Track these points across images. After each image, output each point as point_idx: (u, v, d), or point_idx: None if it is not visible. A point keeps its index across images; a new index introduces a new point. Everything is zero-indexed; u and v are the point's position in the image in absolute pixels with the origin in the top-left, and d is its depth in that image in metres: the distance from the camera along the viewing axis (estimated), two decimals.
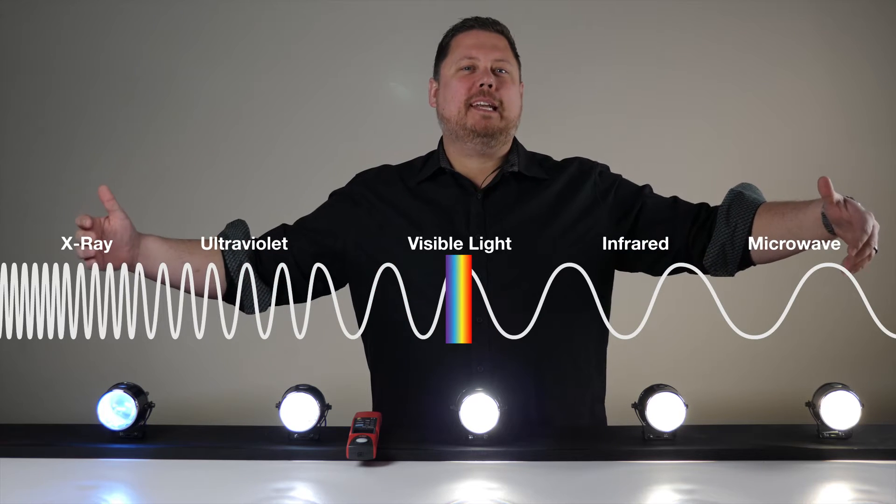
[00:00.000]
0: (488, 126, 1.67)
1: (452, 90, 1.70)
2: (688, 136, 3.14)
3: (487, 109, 1.67)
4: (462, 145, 1.71)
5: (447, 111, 1.71)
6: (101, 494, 1.32)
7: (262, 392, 1.80)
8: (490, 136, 1.68)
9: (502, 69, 1.70)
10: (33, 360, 2.96)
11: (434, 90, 1.77)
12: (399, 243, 1.65)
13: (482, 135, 1.68)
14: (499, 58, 1.70)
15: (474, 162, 1.73)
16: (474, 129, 1.68)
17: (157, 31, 3.15)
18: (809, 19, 3.15)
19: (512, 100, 1.70)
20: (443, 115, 1.73)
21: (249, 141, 3.15)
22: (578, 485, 1.33)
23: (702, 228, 1.65)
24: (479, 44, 1.71)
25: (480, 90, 1.67)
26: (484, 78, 1.67)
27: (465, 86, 1.69)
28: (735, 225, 1.60)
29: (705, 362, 2.99)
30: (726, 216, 1.61)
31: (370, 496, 1.30)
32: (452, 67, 1.71)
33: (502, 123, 1.68)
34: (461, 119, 1.68)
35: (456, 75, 1.70)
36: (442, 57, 1.76)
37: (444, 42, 1.77)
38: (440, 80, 1.75)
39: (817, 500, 1.29)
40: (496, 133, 1.68)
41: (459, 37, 1.74)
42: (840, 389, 1.45)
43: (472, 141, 1.69)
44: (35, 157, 3.16)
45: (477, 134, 1.68)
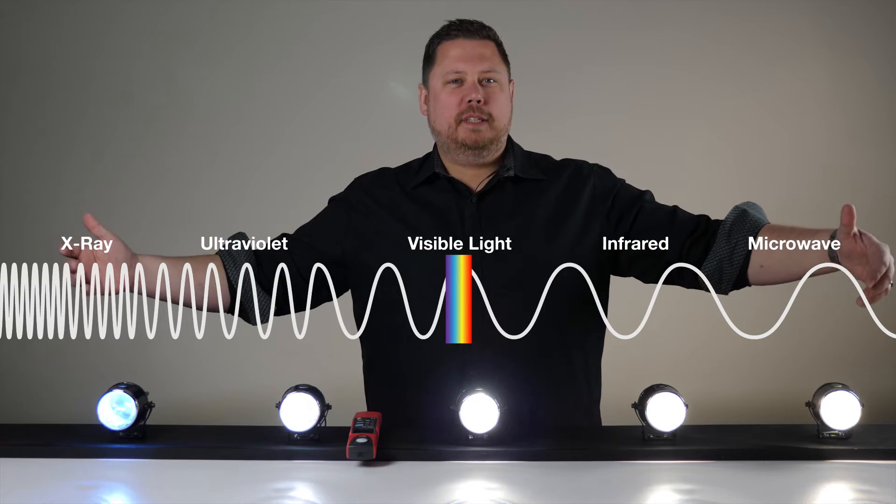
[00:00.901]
0: (479, 139, 1.67)
1: (442, 105, 1.69)
2: (688, 136, 3.14)
3: (477, 123, 1.67)
4: (454, 157, 1.72)
5: (438, 125, 1.71)
6: (101, 494, 1.32)
7: (262, 392, 1.80)
8: (481, 148, 1.68)
9: (490, 79, 1.68)
10: (33, 360, 2.96)
11: (424, 97, 1.76)
12: (398, 245, 1.66)
13: (473, 148, 1.68)
14: (485, 69, 1.68)
15: (468, 168, 1.73)
16: (465, 143, 1.68)
17: (157, 32, 3.15)
18: (809, 19, 3.15)
19: (501, 110, 1.69)
20: (434, 127, 1.73)
21: (249, 141, 3.16)
22: (578, 485, 1.33)
23: (699, 240, 1.63)
24: (465, 55, 1.68)
25: (469, 106, 1.66)
26: (472, 94, 1.66)
27: (454, 101, 1.67)
28: (735, 243, 1.58)
29: (705, 362, 2.99)
30: (728, 233, 1.59)
31: (370, 496, 1.30)
32: (439, 80, 1.70)
33: (492, 134, 1.68)
34: (452, 133, 1.68)
35: (444, 89, 1.69)
36: (429, 65, 1.74)
37: (429, 50, 1.74)
38: (429, 89, 1.74)
39: (817, 500, 1.29)
40: (487, 144, 1.68)
41: (445, 45, 1.71)
42: (840, 389, 1.45)
43: (463, 153, 1.69)
44: (35, 158, 3.16)
45: (468, 147, 1.68)
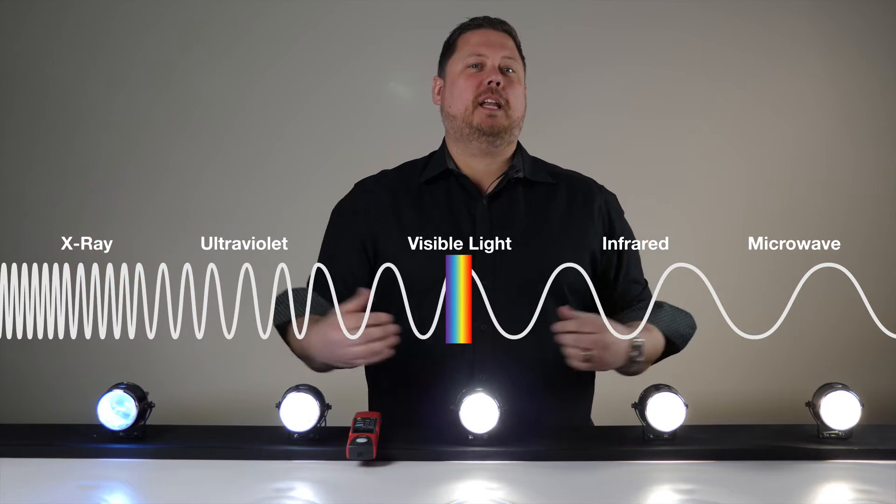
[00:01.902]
0: (494, 124, 1.68)
1: (460, 88, 1.70)
2: (688, 136, 3.14)
3: (493, 107, 1.67)
4: (467, 144, 1.71)
5: (454, 108, 1.71)
6: (101, 494, 1.32)
7: (262, 392, 1.79)
8: (495, 135, 1.69)
9: (510, 68, 1.70)
10: (33, 360, 2.96)
11: (438, 88, 1.77)
12: (400, 244, 1.65)
13: (488, 133, 1.68)
14: (507, 55, 1.71)
15: (479, 163, 1.73)
16: (480, 127, 1.68)
17: (156, 31, 3.15)
18: (809, 19, 3.15)
19: (517, 99, 1.71)
20: (448, 112, 1.73)
21: (249, 141, 3.15)
22: (578, 485, 1.33)
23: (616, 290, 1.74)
24: (487, 42, 1.71)
25: (488, 87, 1.67)
26: (492, 76, 1.68)
27: (473, 84, 1.69)
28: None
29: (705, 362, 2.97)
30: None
31: (370, 496, 1.30)
32: (460, 65, 1.71)
33: (507, 122, 1.69)
34: (468, 117, 1.68)
35: (463, 73, 1.70)
36: (448, 54, 1.76)
37: (451, 39, 1.77)
38: (446, 77, 1.75)
39: (817, 500, 1.29)
40: (501, 132, 1.69)
41: (468, 34, 1.74)
42: (840, 389, 1.46)
43: (477, 140, 1.69)
44: (35, 158, 3.16)
45: (483, 132, 1.68)
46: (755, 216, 3.05)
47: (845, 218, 3.04)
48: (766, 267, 2.64)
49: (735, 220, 3.04)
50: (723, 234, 2.92)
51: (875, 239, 3.03)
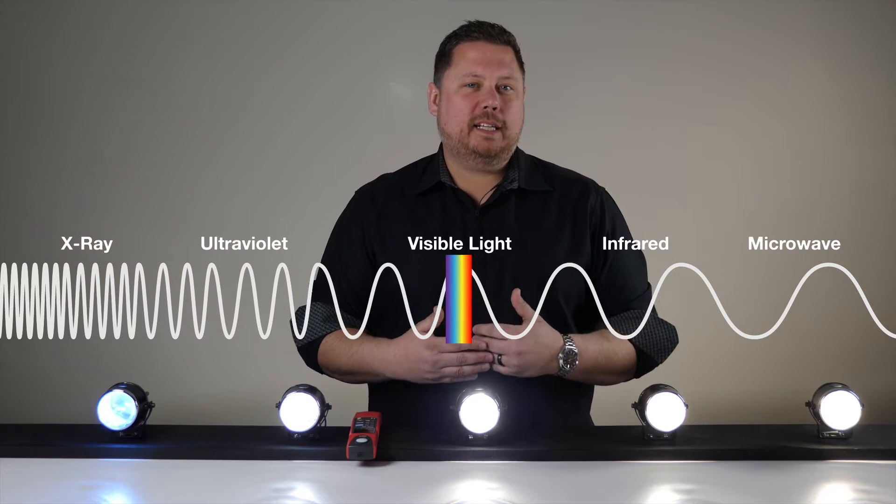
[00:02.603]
0: (490, 147, 1.65)
1: (456, 108, 1.66)
2: (688, 136, 3.14)
3: (490, 131, 1.64)
4: (463, 161, 1.70)
5: (449, 128, 1.68)
6: (101, 494, 1.32)
7: (262, 392, 1.80)
8: (491, 157, 1.66)
9: (507, 86, 1.66)
10: (33, 360, 2.96)
11: (434, 96, 1.73)
12: (400, 245, 1.66)
13: (484, 155, 1.66)
14: (504, 75, 1.65)
15: (475, 176, 1.72)
16: (476, 150, 1.65)
17: (155, 31, 3.15)
18: (809, 19, 3.15)
19: (515, 119, 1.67)
20: (444, 129, 1.70)
21: (248, 140, 3.15)
22: (579, 485, 1.33)
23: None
24: (484, 59, 1.65)
25: (484, 112, 1.64)
26: (489, 100, 1.63)
27: (468, 105, 1.64)
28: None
29: (705, 362, 2.98)
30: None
31: (370, 496, 1.30)
32: (455, 82, 1.66)
33: (504, 143, 1.66)
34: (463, 138, 1.66)
35: (459, 92, 1.66)
36: (444, 65, 1.70)
37: (446, 49, 1.71)
38: (441, 89, 1.71)
39: (817, 500, 1.29)
40: (498, 153, 1.67)
41: (463, 46, 1.67)
42: (840, 389, 1.46)
43: (473, 159, 1.67)
44: (35, 158, 3.16)
45: (479, 154, 1.66)
46: (755, 216, 3.06)
47: (845, 218, 3.04)
48: (767, 267, 2.64)
49: (735, 219, 3.04)
50: (723, 234, 2.92)
51: (875, 239, 3.03)
